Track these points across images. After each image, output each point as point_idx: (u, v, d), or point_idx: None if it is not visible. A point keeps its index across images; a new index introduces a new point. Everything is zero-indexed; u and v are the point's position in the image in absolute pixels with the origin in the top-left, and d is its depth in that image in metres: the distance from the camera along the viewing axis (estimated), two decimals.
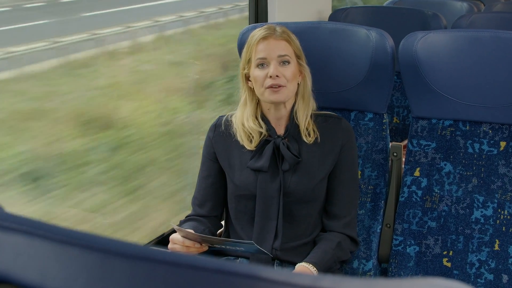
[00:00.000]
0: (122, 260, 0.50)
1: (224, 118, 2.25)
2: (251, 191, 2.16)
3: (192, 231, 2.01)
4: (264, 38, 2.12)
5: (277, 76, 2.08)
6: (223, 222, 2.36)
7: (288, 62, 2.11)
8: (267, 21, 3.28)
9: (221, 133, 2.23)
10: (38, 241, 0.54)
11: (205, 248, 2.03)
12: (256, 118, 2.18)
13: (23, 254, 0.55)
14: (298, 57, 2.15)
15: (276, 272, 0.45)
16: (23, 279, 0.54)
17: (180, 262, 0.48)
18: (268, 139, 2.16)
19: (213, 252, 2.11)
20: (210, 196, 2.26)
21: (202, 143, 2.32)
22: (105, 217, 3.63)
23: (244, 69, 2.16)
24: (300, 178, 2.15)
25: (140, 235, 3.57)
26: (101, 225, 3.55)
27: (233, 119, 2.22)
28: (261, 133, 2.17)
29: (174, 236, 2.04)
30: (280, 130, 2.19)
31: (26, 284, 0.54)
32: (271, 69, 2.09)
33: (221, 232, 2.36)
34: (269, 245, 2.13)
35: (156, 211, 3.81)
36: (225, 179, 2.25)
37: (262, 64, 2.11)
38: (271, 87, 2.09)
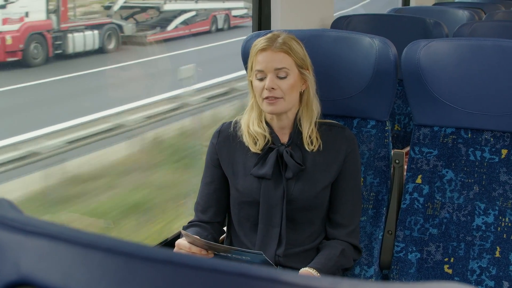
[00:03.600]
0: (144, 264, 0.51)
1: (233, 122, 2.26)
2: (254, 198, 2.18)
3: (199, 237, 2.02)
4: (263, 49, 2.12)
5: (272, 88, 2.10)
6: (225, 228, 2.37)
7: (286, 75, 2.12)
8: (270, 29, 3.29)
9: (225, 139, 2.25)
10: (61, 244, 0.55)
11: (211, 255, 2.03)
12: (261, 121, 2.19)
13: (46, 257, 0.56)
14: (300, 66, 2.15)
15: (296, 276, 0.47)
16: (46, 282, 0.55)
17: (202, 266, 0.49)
18: (271, 147, 2.18)
19: (219, 259, 2.11)
20: (213, 202, 2.27)
21: None
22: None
23: (249, 76, 2.18)
24: (303, 186, 2.16)
25: None
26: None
27: (241, 122, 2.23)
28: (265, 137, 2.18)
29: (180, 242, 2.04)
30: (284, 138, 2.20)
31: (49, 287, 0.55)
32: (267, 82, 2.10)
33: (224, 238, 2.36)
34: (272, 252, 2.14)
35: None
36: (228, 186, 2.26)
37: (260, 76, 2.12)
38: (266, 98, 2.11)
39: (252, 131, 2.18)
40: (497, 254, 2.23)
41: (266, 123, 2.20)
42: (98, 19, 7.52)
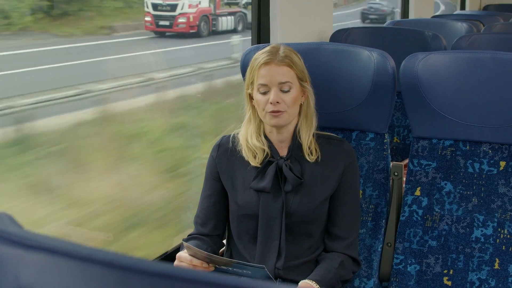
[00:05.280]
0: (142, 278, 0.52)
1: (231, 136, 2.26)
2: (253, 211, 2.18)
3: (200, 250, 2.01)
4: (266, 63, 2.13)
5: (277, 102, 2.11)
6: (225, 241, 2.37)
7: (289, 89, 2.13)
8: (269, 42, 3.31)
9: (224, 152, 2.25)
10: (60, 258, 0.56)
11: (212, 268, 2.03)
12: (260, 135, 2.20)
13: (45, 271, 0.57)
14: (300, 79, 2.17)
15: None
16: None
17: (198, 279, 0.50)
18: (271, 160, 2.18)
19: (219, 272, 2.10)
20: (213, 215, 2.27)
21: None
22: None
23: (248, 88, 2.19)
24: (302, 199, 2.17)
25: None
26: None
27: (239, 136, 2.24)
28: (264, 150, 2.19)
29: (181, 254, 2.05)
30: (283, 151, 2.21)
31: None
32: (272, 96, 2.11)
33: (223, 251, 2.37)
34: (272, 265, 2.14)
35: None
36: (227, 199, 2.26)
37: (263, 90, 2.13)
38: (271, 112, 2.11)
39: (251, 145, 2.19)
40: (496, 266, 2.24)
41: (265, 136, 2.20)
42: (234, 8, 11.48)
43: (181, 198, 4.75)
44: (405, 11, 6.68)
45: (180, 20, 10.00)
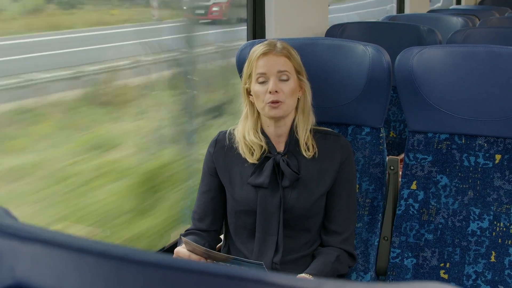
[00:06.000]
0: (136, 268, 0.52)
1: (227, 132, 2.27)
2: (251, 206, 2.18)
3: (198, 245, 2.02)
4: (265, 54, 2.14)
5: (276, 91, 2.11)
6: (222, 236, 2.37)
7: (288, 78, 2.14)
8: (264, 37, 3.31)
9: (222, 148, 2.25)
10: (55, 250, 0.57)
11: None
12: (257, 131, 2.20)
13: (40, 262, 0.57)
14: (298, 72, 2.17)
15: (282, 277, 0.48)
16: (40, 287, 0.57)
17: (192, 269, 0.50)
18: (268, 156, 2.19)
19: None
20: (210, 210, 2.27)
21: None
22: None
23: (245, 83, 2.19)
24: (299, 194, 2.17)
25: None
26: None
27: (236, 133, 2.24)
28: (261, 146, 2.19)
29: (179, 250, 2.05)
30: (280, 147, 2.21)
31: None
32: (271, 85, 2.11)
33: (221, 246, 2.37)
34: (269, 260, 2.14)
35: None
36: (225, 194, 2.26)
37: (262, 80, 2.14)
38: (271, 102, 2.12)
39: (248, 141, 2.19)
40: (492, 259, 2.24)
41: (262, 132, 2.21)
42: None
43: None
44: (400, 6, 6.68)
45: (214, 8, 11.93)
